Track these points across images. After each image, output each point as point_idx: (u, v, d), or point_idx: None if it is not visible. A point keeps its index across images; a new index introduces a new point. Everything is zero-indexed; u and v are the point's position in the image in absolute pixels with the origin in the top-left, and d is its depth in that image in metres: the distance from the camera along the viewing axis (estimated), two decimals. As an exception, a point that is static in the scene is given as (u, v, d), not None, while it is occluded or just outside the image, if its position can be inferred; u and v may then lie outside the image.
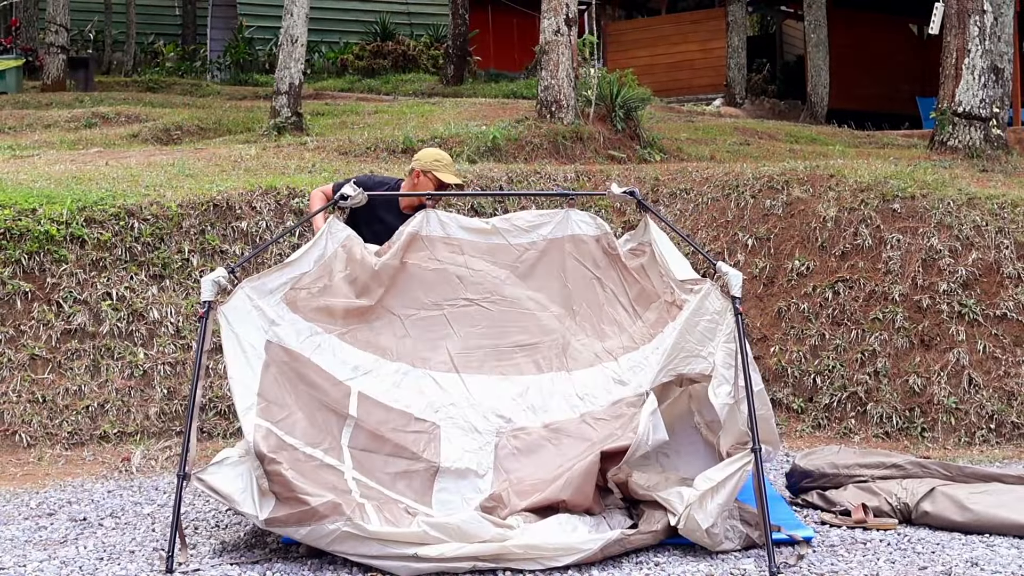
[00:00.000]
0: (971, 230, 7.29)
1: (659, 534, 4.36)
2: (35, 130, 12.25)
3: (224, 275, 4.66)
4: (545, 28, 10.45)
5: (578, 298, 5.22)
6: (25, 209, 6.87)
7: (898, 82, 18.48)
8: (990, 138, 9.52)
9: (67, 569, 4.22)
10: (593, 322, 5.19)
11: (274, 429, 4.39)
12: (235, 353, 4.54)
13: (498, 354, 5.10)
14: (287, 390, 4.59)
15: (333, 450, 4.56)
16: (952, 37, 9.65)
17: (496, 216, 5.98)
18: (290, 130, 11.16)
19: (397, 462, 4.66)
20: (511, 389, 5.01)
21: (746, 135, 12.93)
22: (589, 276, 5.22)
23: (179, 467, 4.39)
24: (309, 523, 4.12)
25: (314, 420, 4.60)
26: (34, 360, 6.47)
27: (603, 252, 5.23)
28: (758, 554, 4.28)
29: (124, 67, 21.10)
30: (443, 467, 4.69)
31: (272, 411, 4.46)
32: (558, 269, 5.24)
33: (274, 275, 4.86)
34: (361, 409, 4.73)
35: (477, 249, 5.22)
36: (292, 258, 5.00)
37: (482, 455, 4.77)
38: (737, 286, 4.51)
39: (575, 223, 5.26)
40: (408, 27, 22.74)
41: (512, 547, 4.12)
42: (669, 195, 8.44)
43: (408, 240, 5.12)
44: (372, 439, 4.68)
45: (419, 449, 4.71)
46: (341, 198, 5.09)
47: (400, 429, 4.76)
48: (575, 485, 4.45)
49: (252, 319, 4.65)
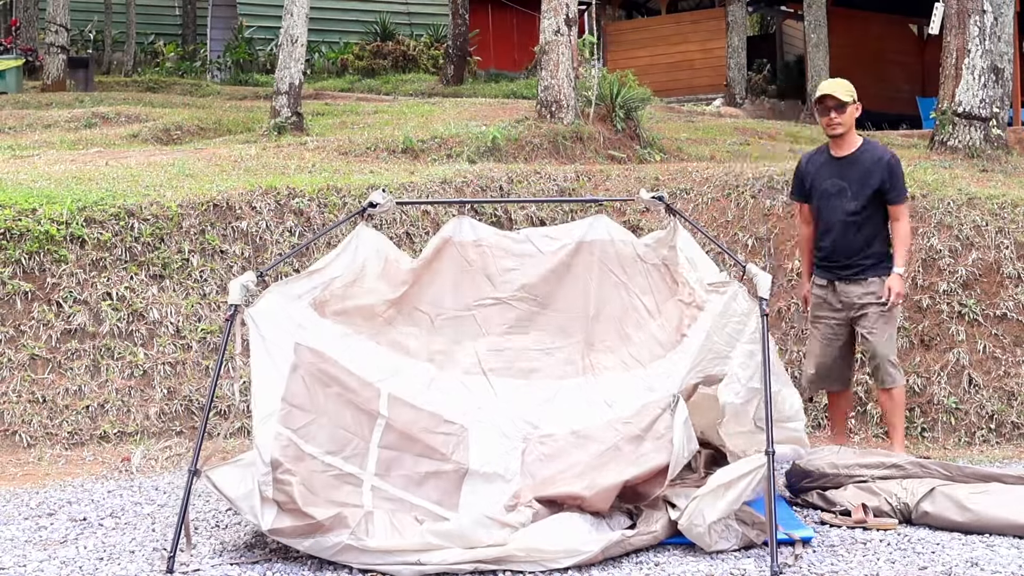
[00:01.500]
0: (971, 230, 7.29)
1: (659, 534, 4.36)
2: (35, 130, 12.25)
3: (253, 279, 4.64)
4: (545, 28, 10.45)
5: (605, 303, 5.24)
6: (25, 209, 6.88)
7: (898, 82, 18.48)
8: (990, 138, 9.52)
9: (67, 569, 4.22)
10: (619, 327, 5.21)
11: (294, 438, 4.37)
12: (261, 357, 4.51)
13: (526, 356, 5.14)
14: (315, 392, 4.56)
15: (357, 455, 4.53)
16: (952, 37, 9.65)
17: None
18: (290, 130, 11.16)
19: (427, 462, 4.65)
20: (538, 394, 5.03)
21: (746, 135, 12.93)
22: (616, 281, 5.25)
23: (191, 463, 4.40)
24: (313, 535, 4.13)
25: (342, 422, 4.58)
26: (34, 360, 6.48)
27: (630, 257, 5.25)
28: (758, 554, 4.28)
29: (124, 67, 21.11)
30: (472, 470, 4.69)
31: (294, 417, 4.44)
32: (585, 274, 5.28)
33: (302, 281, 4.87)
34: (392, 409, 4.73)
35: (507, 252, 5.28)
36: (319, 264, 5.00)
37: (509, 460, 4.77)
38: (766, 288, 4.49)
39: (602, 229, 5.32)
40: (408, 27, 22.75)
41: (514, 550, 4.12)
42: (669, 195, 8.43)
43: (440, 244, 5.19)
44: (403, 439, 4.67)
45: (448, 450, 4.71)
46: (370, 205, 5.12)
47: (430, 430, 4.75)
48: (601, 495, 4.40)
49: (280, 322, 4.63)
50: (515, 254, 5.30)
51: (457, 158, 9.45)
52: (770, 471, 4.21)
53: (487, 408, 4.93)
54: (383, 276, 5.08)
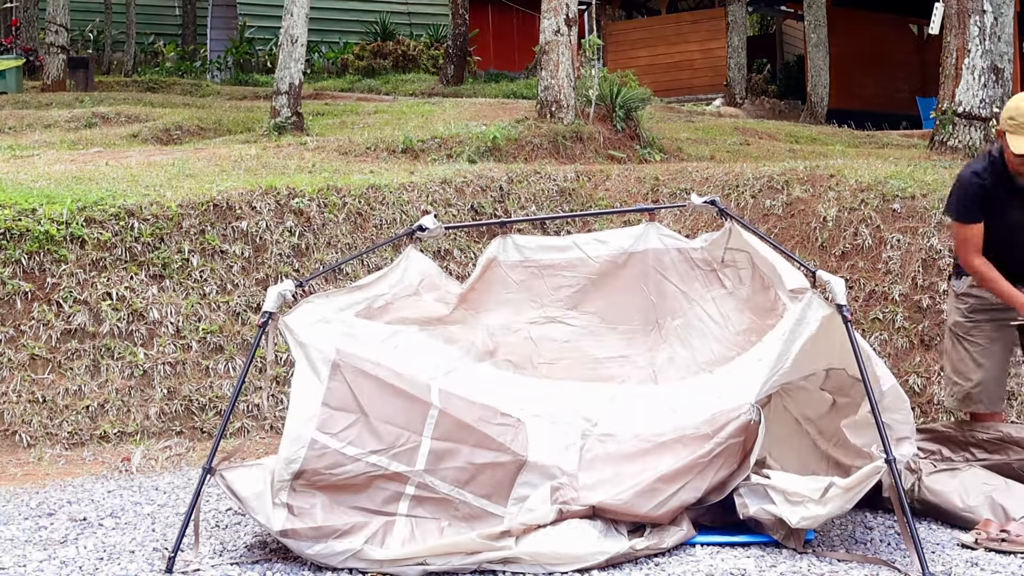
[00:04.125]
0: (971, 230, 7.28)
1: (667, 548, 4.31)
2: (35, 130, 12.26)
3: (291, 287, 4.59)
4: (545, 28, 10.46)
5: (663, 312, 5.18)
6: (25, 209, 6.87)
7: (898, 82, 18.51)
8: (990, 138, 9.51)
9: (67, 569, 4.22)
10: (680, 335, 5.14)
11: (332, 443, 4.32)
12: (300, 363, 4.48)
13: (584, 364, 5.06)
14: (360, 390, 4.47)
15: (407, 451, 4.43)
16: (952, 37, 9.65)
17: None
18: (290, 130, 11.17)
19: (483, 453, 4.49)
20: (598, 396, 4.94)
21: (746, 135, 12.93)
22: (674, 290, 5.18)
23: (207, 460, 4.40)
24: (325, 540, 4.12)
25: (390, 416, 4.47)
26: (34, 360, 6.47)
27: (686, 264, 5.18)
28: (758, 554, 4.28)
29: (124, 67, 21.11)
30: (530, 461, 4.50)
31: (335, 421, 4.38)
32: (641, 283, 5.21)
33: (343, 296, 4.82)
34: (445, 401, 4.59)
35: (556, 267, 5.21)
36: (364, 281, 4.95)
37: (568, 454, 4.62)
38: (842, 293, 4.31)
39: (656, 237, 5.25)
40: (408, 27, 22.77)
41: (520, 553, 4.12)
42: (669, 195, 8.44)
43: (486, 266, 5.17)
44: (458, 428, 4.52)
45: (507, 440, 4.54)
46: (419, 229, 5.09)
47: (486, 420, 4.60)
48: (667, 514, 4.35)
49: (319, 328, 4.58)
50: (564, 267, 5.20)
51: (457, 158, 9.46)
52: (895, 476, 4.05)
53: (545, 404, 4.80)
54: (431, 298, 5.03)
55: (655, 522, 4.37)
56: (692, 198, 5.24)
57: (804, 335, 4.43)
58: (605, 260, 5.24)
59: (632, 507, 4.36)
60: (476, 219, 8.05)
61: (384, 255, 7.40)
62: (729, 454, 4.47)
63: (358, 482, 4.34)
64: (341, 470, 4.31)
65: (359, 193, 7.78)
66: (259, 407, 6.59)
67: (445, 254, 7.70)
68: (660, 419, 4.78)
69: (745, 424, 4.47)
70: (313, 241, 7.44)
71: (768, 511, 4.32)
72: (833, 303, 4.34)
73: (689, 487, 4.41)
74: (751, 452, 4.48)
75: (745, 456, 4.48)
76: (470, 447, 4.50)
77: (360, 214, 7.73)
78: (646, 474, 4.45)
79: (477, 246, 7.72)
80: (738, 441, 4.48)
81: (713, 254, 5.22)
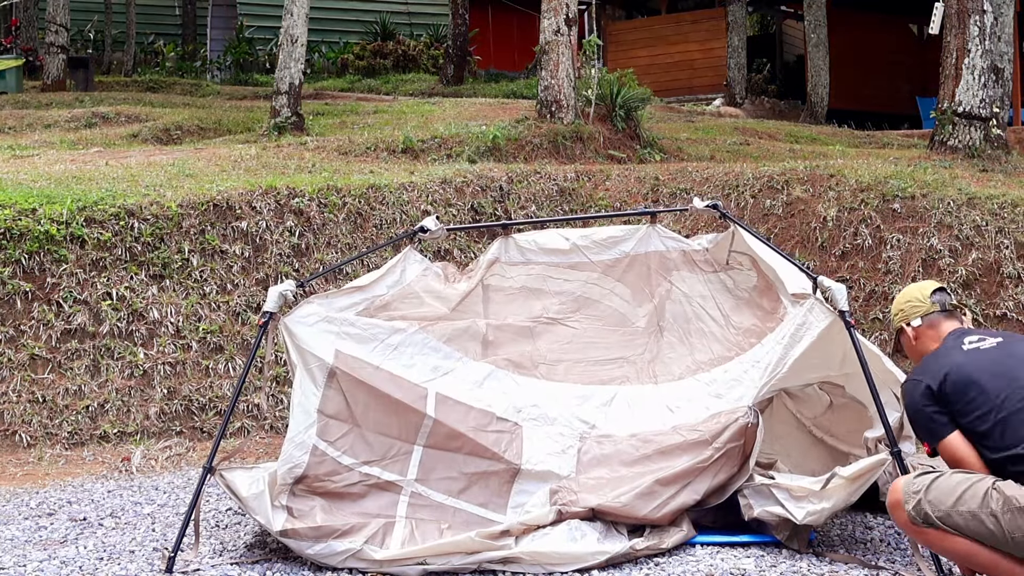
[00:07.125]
0: (971, 230, 7.29)
1: (666, 549, 4.31)
2: (35, 130, 12.26)
3: (292, 287, 4.60)
4: (545, 28, 10.46)
5: (665, 313, 5.18)
6: (25, 209, 6.88)
7: (898, 82, 18.49)
8: (990, 138, 9.52)
9: (67, 569, 4.22)
10: (682, 336, 5.14)
11: (330, 451, 4.38)
12: (298, 369, 4.51)
13: (584, 366, 5.06)
14: (354, 400, 4.52)
15: (399, 459, 4.48)
16: (952, 37, 9.64)
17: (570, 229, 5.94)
18: (290, 130, 11.17)
19: (477, 462, 4.56)
20: (597, 397, 4.95)
21: (746, 135, 12.94)
22: (675, 291, 5.19)
23: (208, 459, 4.41)
24: (326, 540, 4.13)
25: (383, 427, 4.53)
26: (34, 360, 6.47)
27: (688, 265, 5.20)
28: (758, 554, 4.28)
29: (124, 67, 21.11)
30: (524, 469, 4.58)
31: (331, 429, 4.43)
32: (643, 285, 5.21)
33: (343, 297, 4.82)
34: (439, 410, 4.63)
35: (557, 270, 5.22)
36: (361, 282, 4.94)
37: (564, 458, 4.66)
38: (843, 299, 4.29)
39: (658, 239, 5.25)
40: (408, 27, 22.77)
41: (520, 553, 4.12)
42: (669, 195, 8.44)
43: (488, 266, 5.16)
44: (450, 438, 4.57)
45: (500, 449, 4.60)
46: (421, 230, 5.08)
47: (481, 428, 4.65)
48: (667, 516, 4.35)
49: (319, 329, 4.58)
50: (566, 268, 5.21)
51: (457, 158, 9.46)
52: (903, 470, 4.01)
53: (542, 406, 4.82)
54: (430, 298, 5.03)
55: (655, 524, 4.38)
56: (695, 202, 5.23)
57: (805, 340, 4.42)
58: (606, 263, 5.25)
59: (632, 509, 4.36)
60: (476, 219, 8.05)
61: (384, 256, 7.40)
62: (729, 457, 4.47)
63: (355, 491, 4.39)
64: (339, 478, 4.36)
65: (359, 193, 7.78)
66: (259, 407, 6.59)
67: (445, 254, 7.70)
68: (658, 419, 4.80)
69: (743, 427, 4.48)
70: (313, 241, 7.45)
71: (773, 512, 4.32)
72: (835, 309, 4.33)
73: (689, 489, 4.42)
74: (751, 455, 4.48)
75: (745, 459, 4.49)
76: (463, 456, 4.56)
77: (360, 214, 7.74)
78: (645, 477, 4.46)
79: (477, 246, 7.72)
80: (738, 445, 4.48)
81: (716, 256, 5.23)
